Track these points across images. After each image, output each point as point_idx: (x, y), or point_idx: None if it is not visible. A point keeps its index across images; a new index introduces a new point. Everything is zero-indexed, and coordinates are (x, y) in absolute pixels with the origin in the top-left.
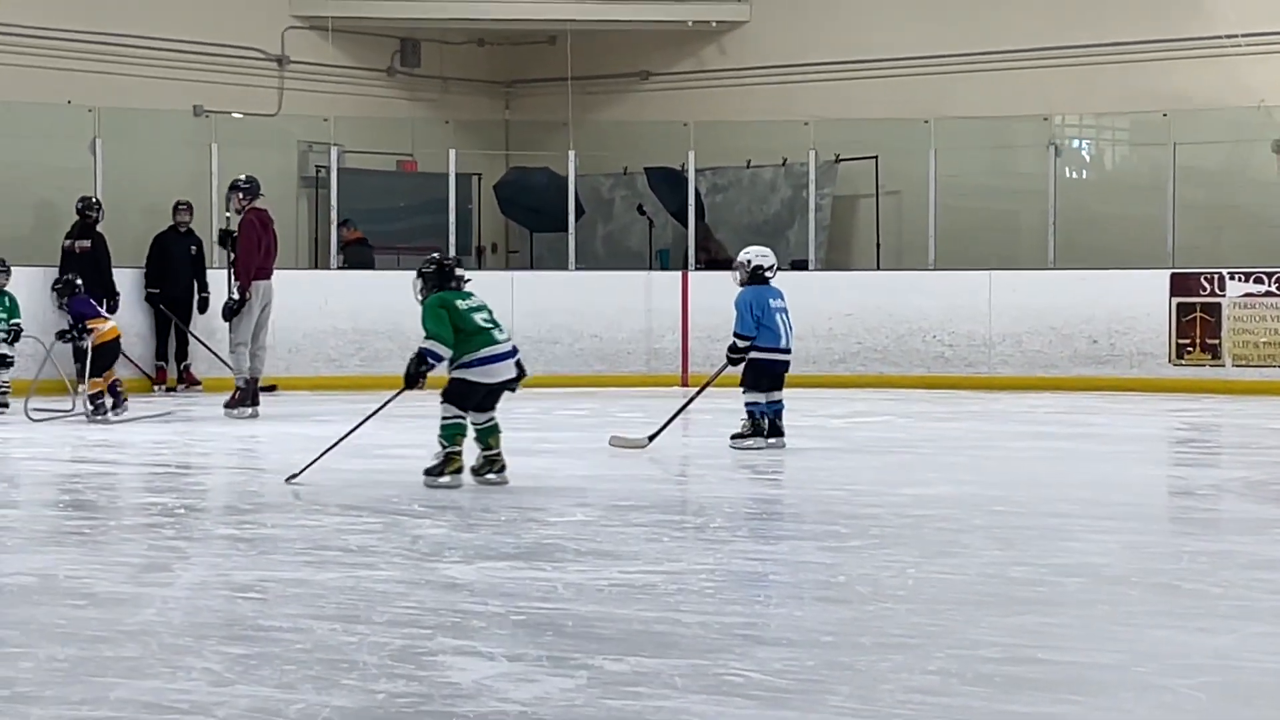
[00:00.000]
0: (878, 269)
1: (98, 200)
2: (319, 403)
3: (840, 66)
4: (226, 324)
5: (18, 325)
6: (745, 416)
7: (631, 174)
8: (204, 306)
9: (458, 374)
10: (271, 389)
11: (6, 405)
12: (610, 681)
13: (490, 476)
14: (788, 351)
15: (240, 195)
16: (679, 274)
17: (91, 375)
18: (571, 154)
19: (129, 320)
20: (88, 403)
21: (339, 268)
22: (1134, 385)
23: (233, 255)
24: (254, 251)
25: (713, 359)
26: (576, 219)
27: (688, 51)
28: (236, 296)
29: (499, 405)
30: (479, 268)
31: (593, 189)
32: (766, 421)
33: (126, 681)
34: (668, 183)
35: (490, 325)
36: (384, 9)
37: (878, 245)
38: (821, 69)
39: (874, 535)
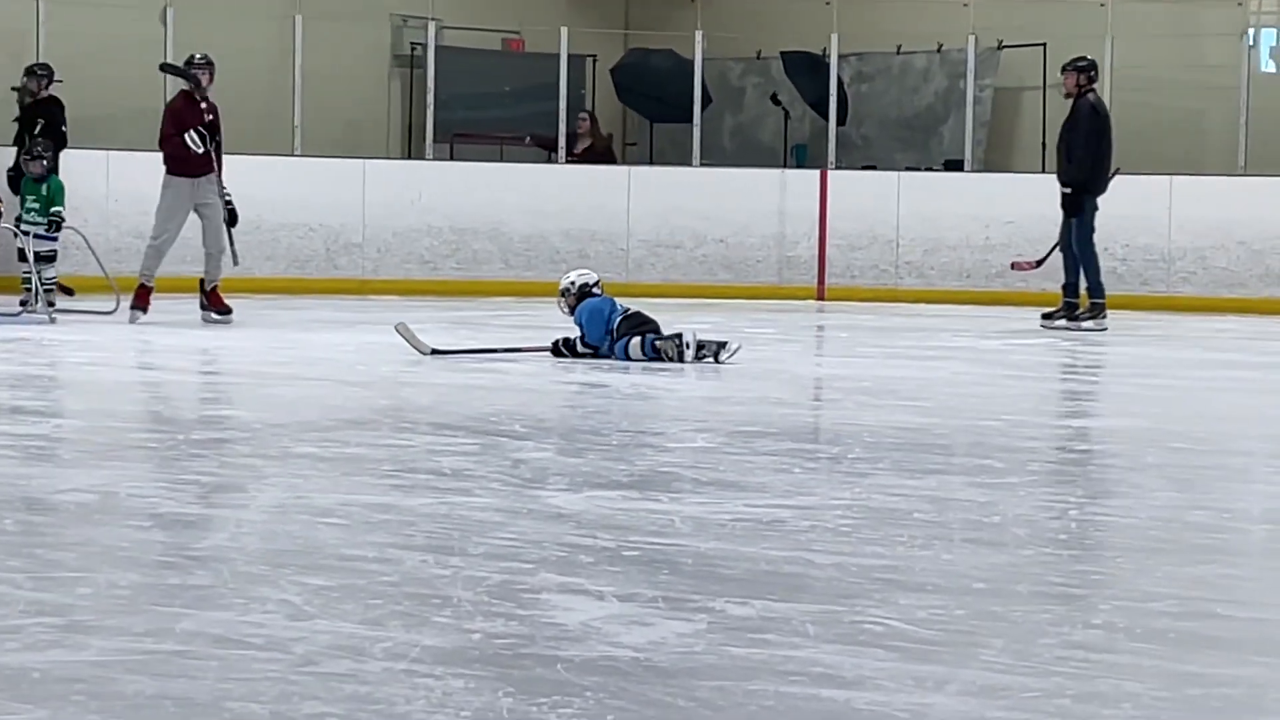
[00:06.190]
0: (1043, 172)
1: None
2: (410, 309)
3: None
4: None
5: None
6: None
7: (765, 59)
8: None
9: None
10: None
11: (53, 304)
12: (734, 627)
13: None
14: None
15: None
16: (817, 173)
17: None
18: (698, 35)
19: None
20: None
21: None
22: None
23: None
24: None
25: (853, 270)
26: (703, 109)
27: None
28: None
29: None
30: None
31: (721, 75)
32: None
33: (195, 612)
34: (806, 70)
35: None
36: None
37: (1043, 145)
38: None
39: (1033, 471)
